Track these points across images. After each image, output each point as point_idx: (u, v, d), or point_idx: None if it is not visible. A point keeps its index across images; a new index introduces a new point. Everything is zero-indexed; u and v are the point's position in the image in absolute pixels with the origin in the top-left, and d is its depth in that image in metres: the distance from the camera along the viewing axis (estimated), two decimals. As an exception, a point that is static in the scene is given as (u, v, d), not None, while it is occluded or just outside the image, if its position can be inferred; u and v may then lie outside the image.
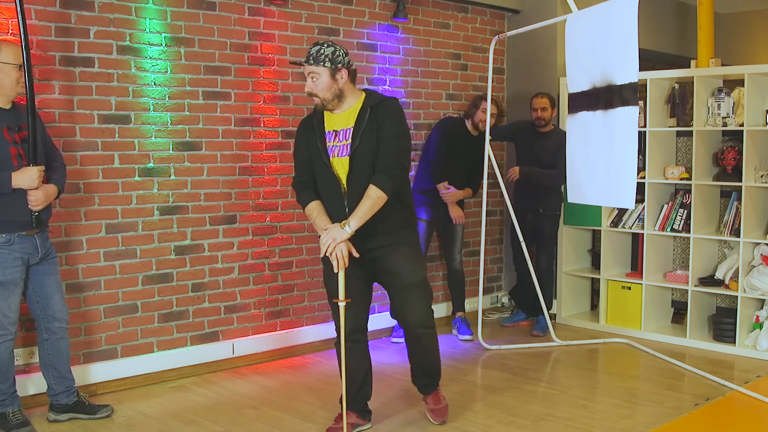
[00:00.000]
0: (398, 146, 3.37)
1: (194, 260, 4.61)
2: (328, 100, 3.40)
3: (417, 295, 3.51)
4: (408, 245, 3.51)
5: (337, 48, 3.40)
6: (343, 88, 3.40)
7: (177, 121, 4.51)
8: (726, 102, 5.09)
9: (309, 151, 3.48)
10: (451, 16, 5.94)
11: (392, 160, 3.33)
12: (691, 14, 6.91)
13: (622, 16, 3.98)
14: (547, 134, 5.52)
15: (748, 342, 5.02)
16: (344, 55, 3.41)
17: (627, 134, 4.04)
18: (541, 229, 5.54)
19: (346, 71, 3.40)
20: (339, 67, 3.37)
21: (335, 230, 3.29)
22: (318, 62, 3.36)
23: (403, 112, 3.46)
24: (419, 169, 5.52)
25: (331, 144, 3.43)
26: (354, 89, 3.47)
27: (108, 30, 4.22)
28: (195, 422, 3.87)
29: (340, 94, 3.40)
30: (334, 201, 3.42)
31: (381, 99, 3.44)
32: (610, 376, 4.65)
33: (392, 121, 3.36)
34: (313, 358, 5.00)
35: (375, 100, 3.43)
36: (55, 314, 3.76)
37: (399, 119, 3.40)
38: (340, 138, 3.41)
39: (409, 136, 3.48)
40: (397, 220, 3.46)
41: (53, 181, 3.67)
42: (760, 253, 5.05)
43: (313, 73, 3.37)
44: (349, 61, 3.42)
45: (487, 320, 5.98)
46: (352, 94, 3.45)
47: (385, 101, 3.42)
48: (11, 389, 3.70)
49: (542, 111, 5.45)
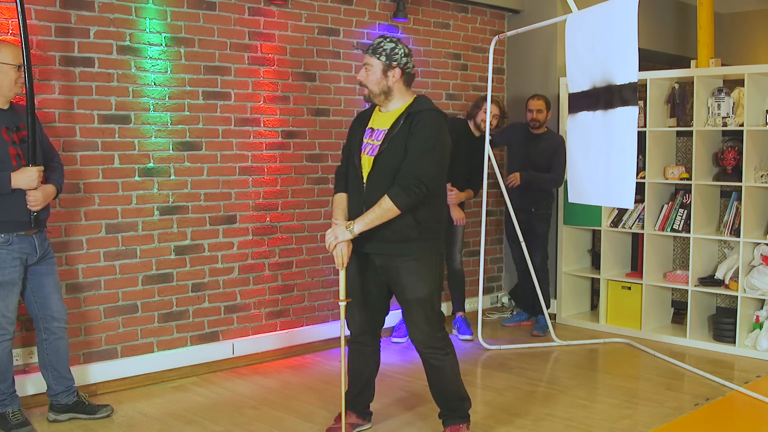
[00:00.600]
0: (423, 162, 3.20)
1: (194, 260, 4.61)
2: (375, 95, 3.33)
3: (417, 312, 3.35)
4: (415, 260, 3.31)
5: (399, 46, 3.31)
6: (392, 87, 3.32)
7: (177, 121, 4.50)
8: (726, 102, 5.09)
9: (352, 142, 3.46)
10: (451, 16, 5.94)
11: (413, 176, 3.18)
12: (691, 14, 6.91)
13: (622, 16, 3.98)
14: (541, 136, 5.54)
15: (748, 342, 5.02)
16: (403, 56, 3.30)
17: (627, 134, 4.05)
18: (533, 228, 5.54)
19: (399, 71, 3.29)
20: (393, 65, 3.28)
21: (339, 229, 3.27)
22: (375, 54, 3.30)
23: (442, 126, 3.28)
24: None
25: (366, 141, 3.38)
26: (405, 92, 3.36)
27: (108, 30, 4.22)
28: (195, 422, 3.87)
29: (388, 91, 3.32)
30: (355, 197, 3.38)
31: (423, 108, 3.29)
32: (610, 376, 4.65)
33: (424, 133, 3.21)
34: (313, 358, 5.00)
35: (417, 107, 3.30)
36: (53, 314, 3.76)
37: (432, 132, 3.22)
38: (374, 137, 3.35)
39: (440, 151, 3.24)
40: (405, 232, 3.27)
41: (52, 181, 3.67)
42: (760, 253, 5.05)
43: (368, 64, 3.32)
44: (406, 63, 3.31)
45: (487, 320, 5.98)
46: (401, 96, 3.35)
47: (424, 111, 3.27)
48: (11, 389, 3.70)
49: (537, 113, 5.47)
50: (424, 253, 3.33)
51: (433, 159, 3.22)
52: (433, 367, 3.45)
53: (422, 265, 3.33)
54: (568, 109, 4.63)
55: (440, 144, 3.24)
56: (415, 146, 3.20)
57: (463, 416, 3.55)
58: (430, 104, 3.35)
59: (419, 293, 3.32)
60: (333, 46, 5.21)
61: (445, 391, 3.51)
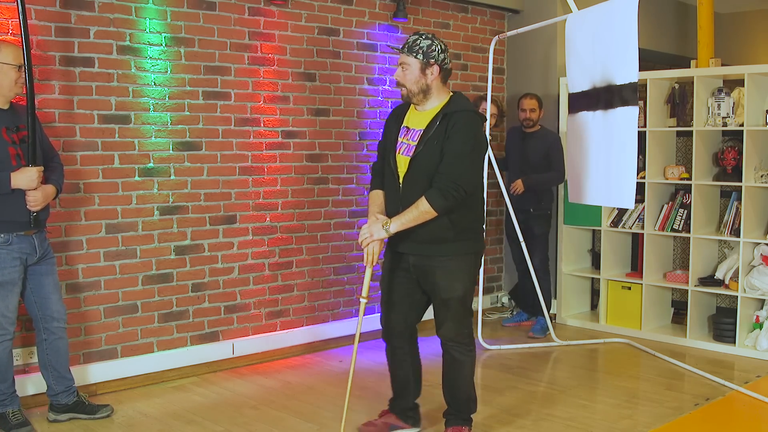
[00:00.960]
0: (460, 166, 3.18)
1: (194, 260, 4.61)
2: (414, 93, 3.30)
3: (450, 310, 3.35)
4: (451, 260, 3.30)
5: (435, 42, 3.27)
6: (430, 85, 3.30)
7: (177, 121, 4.50)
8: (726, 102, 5.09)
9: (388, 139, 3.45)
10: (451, 16, 5.94)
11: (451, 180, 3.16)
12: (691, 14, 6.91)
13: (622, 16, 3.98)
14: (534, 134, 5.55)
15: (748, 342, 5.02)
16: (440, 52, 3.27)
17: (627, 134, 4.05)
18: (531, 228, 5.54)
19: (438, 68, 3.27)
20: (431, 62, 3.26)
21: (376, 226, 3.27)
22: (411, 52, 3.27)
23: (478, 127, 3.27)
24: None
25: (401, 140, 3.36)
26: (442, 89, 3.35)
27: (108, 30, 4.22)
28: (195, 422, 3.87)
29: (426, 90, 3.30)
30: (392, 195, 3.37)
31: (459, 108, 3.27)
32: (610, 376, 4.65)
33: (460, 136, 3.18)
34: (313, 358, 5.00)
35: (453, 107, 3.28)
36: (53, 314, 3.76)
37: (469, 135, 3.19)
38: (410, 137, 3.33)
39: (477, 154, 3.24)
40: (441, 233, 3.26)
41: (51, 181, 3.67)
42: (760, 253, 5.05)
43: (404, 63, 3.29)
44: (443, 59, 3.29)
45: (487, 320, 5.98)
46: (438, 94, 3.33)
47: (459, 112, 3.24)
48: (11, 389, 3.70)
49: (531, 112, 5.48)
50: (459, 254, 3.32)
51: (471, 162, 3.22)
52: (455, 361, 3.45)
53: (458, 264, 3.32)
54: (568, 109, 4.63)
55: (477, 146, 3.23)
56: (452, 149, 3.17)
57: (467, 419, 3.55)
58: (467, 104, 3.33)
59: (454, 293, 3.33)
60: (333, 46, 5.21)
61: (457, 389, 3.51)
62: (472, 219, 3.35)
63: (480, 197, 3.43)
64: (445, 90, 3.37)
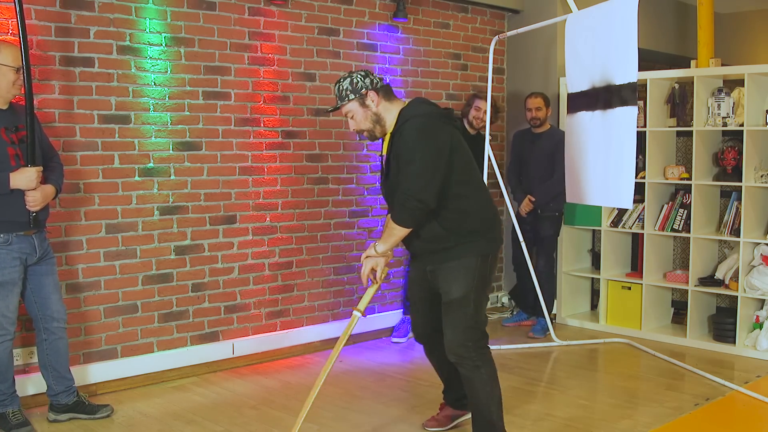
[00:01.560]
0: (412, 176, 3.10)
1: (194, 260, 4.61)
2: (372, 129, 3.27)
3: (449, 314, 3.26)
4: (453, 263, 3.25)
5: (353, 76, 3.24)
6: (378, 111, 3.25)
7: (177, 121, 4.51)
8: (726, 102, 5.09)
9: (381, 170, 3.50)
10: (451, 16, 5.94)
11: (404, 192, 3.11)
12: (691, 14, 6.91)
13: (622, 16, 3.98)
14: (542, 134, 5.53)
15: (748, 342, 5.02)
16: (363, 78, 3.23)
17: (626, 134, 4.05)
18: (538, 230, 5.54)
19: (373, 92, 3.23)
20: (363, 92, 3.22)
21: (370, 247, 3.31)
22: (344, 99, 3.25)
23: (424, 129, 3.14)
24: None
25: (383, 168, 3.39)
26: (392, 107, 3.26)
27: (108, 30, 4.22)
28: (195, 422, 3.87)
29: (378, 118, 3.25)
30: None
31: (405, 118, 3.20)
32: (610, 376, 4.65)
33: (406, 146, 3.14)
34: (313, 358, 5.00)
35: (401, 120, 3.21)
36: (53, 314, 3.76)
37: (411, 143, 3.13)
38: (383, 163, 3.36)
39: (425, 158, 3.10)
40: (440, 243, 3.24)
41: (51, 181, 3.67)
42: (760, 253, 5.05)
43: (347, 113, 3.29)
44: (371, 81, 3.24)
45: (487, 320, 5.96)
46: (389, 113, 3.26)
47: (405, 123, 3.18)
48: (11, 389, 3.70)
49: (537, 111, 5.46)
50: (461, 257, 3.24)
51: (423, 168, 3.09)
52: (464, 377, 3.31)
53: (459, 267, 3.25)
54: (567, 109, 4.63)
55: (423, 150, 3.11)
56: (403, 161, 3.14)
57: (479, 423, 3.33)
58: (415, 109, 3.23)
59: (453, 295, 3.24)
60: (333, 46, 5.21)
61: (475, 411, 3.34)
62: (470, 222, 3.25)
63: (472, 197, 3.28)
64: (396, 106, 3.27)
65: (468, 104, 5.41)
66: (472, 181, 3.30)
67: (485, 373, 3.26)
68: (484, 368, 3.26)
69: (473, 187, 3.31)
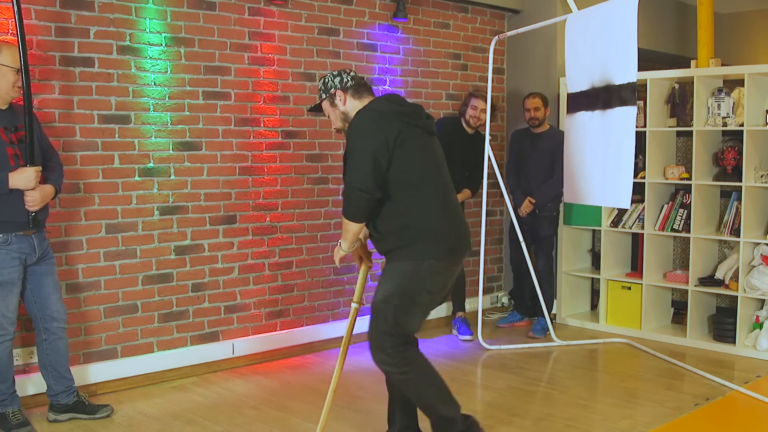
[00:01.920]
0: (348, 167, 3.08)
1: (194, 260, 4.61)
2: (343, 128, 3.26)
3: (372, 319, 3.15)
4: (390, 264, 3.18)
5: (326, 77, 3.27)
6: (346, 110, 3.23)
7: (177, 121, 4.51)
8: (726, 102, 5.09)
9: None
10: (451, 16, 5.94)
11: (346, 183, 3.07)
12: (691, 14, 6.91)
13: (622, 16, 3.98)
14: (542, 134, 5.54)
15: (748, 342, 5.02)
16: (333, 78, 3.24)
17: (625, 134, 4.05)
18: (537, 230, 5.54)
19: (341, 92, 3.22)
20: (332, 92, 3.23)
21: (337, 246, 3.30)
22: (318, 99, 3.32)
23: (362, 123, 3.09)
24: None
25: None
26: (359, 105, 3.21)
27: (108, 30, 4.22)
28: (195, 422, 3.87)
29: (345, 117, 3.24)
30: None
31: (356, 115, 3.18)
32: (610, 376, 4.65)
33: (348, 141, 3.12)
34: (313, 358, 5.00)
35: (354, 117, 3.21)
36: (53, 314, 3.76)
37: (350, 136, 3.10)
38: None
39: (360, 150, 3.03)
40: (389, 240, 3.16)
41: (50, 181, 3.67)
42: (760, 253, 5.05)
43: (324, 110, 3.31)
44: (340, 80, 3.23)
45: (487, 320, 5.97)
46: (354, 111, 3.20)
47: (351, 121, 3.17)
48: (11, 389, 3.70)
49: (535, 111, 5.47)
50: (397, 259, 3.13)
51: (356, 159, 3.03)
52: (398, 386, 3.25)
53: (390, 270, 3.15)
54: (567, 109, 4.63)
55: (359, 142, 3.05)
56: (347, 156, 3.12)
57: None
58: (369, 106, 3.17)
59: (376, 297, 3.14)
60: (333, 46, 5.21)
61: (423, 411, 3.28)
62: (406, 225, 3.10)
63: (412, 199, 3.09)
64: (363, 103, 3.23)
65: (465, 103, 5.40)
66: (417, 183, 3.10)
67: (414, 377, 3.15)
68: (411, 373, 3.14)
69: (419, 189, 3.11)
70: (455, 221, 3.19)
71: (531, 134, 5.58)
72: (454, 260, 3.18)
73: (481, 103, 5.30)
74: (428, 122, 3.22)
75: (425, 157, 3.15)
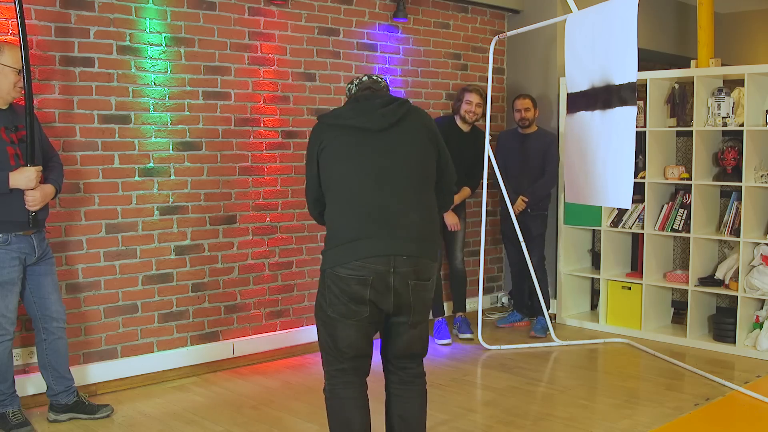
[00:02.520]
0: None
1: (194, 260, 4.61)
2: None
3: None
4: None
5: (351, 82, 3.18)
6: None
7: (177, 121, 4.51)
8: (726, 102, 5.09)
9: None
10: (451, 16, 5.94)
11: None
12: (691, 14, 6.91)
13: (622, 16, 3.98)
14: (530, 135, 5.57)
15: (748, 342, 5.02)
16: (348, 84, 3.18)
17: (625, 134, 4.05)
18: (530, 229, 5.54)
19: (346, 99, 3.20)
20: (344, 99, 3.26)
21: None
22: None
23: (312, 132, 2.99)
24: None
25: None
26: None
27: (108, 30, 4.22)
28: (195, 422, 3.87)
29: None
30: None
31: None
32: (610, 376, 4.65)
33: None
34: (313, 358, 5.00)
35: None
36: (52, 314, 3.76)
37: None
38: None
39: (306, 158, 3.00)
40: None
41: (50, 181, 3.67)
42: (760, 253, 5.04)
43: None
44: (348, 90, 3.15)
45: (487, 320, 5.98)
46: None
47: None
48: (11, 389, 3.70)
49: (525, 111, 5.49)
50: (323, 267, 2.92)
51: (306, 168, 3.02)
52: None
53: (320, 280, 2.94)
54: (567, 109, 4.63)
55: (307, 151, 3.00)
56: None
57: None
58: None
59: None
60: (333, 46, 5.21)
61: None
62: (328, 232, 2.92)
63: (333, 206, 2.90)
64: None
65: (458, 99, 5.39)
66: (334, 189, 2.89)
67: (328, 406, 2.94)
68: (327, 401, 2.94)
69: (335, 195, 2.89)
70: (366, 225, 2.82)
71: (520, 135, 5.61)
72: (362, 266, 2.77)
73: (475, 97, 5.30)
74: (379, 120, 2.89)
75: (347, 160, 2.88)
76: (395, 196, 2.85)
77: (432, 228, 2.94)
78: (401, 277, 2.81)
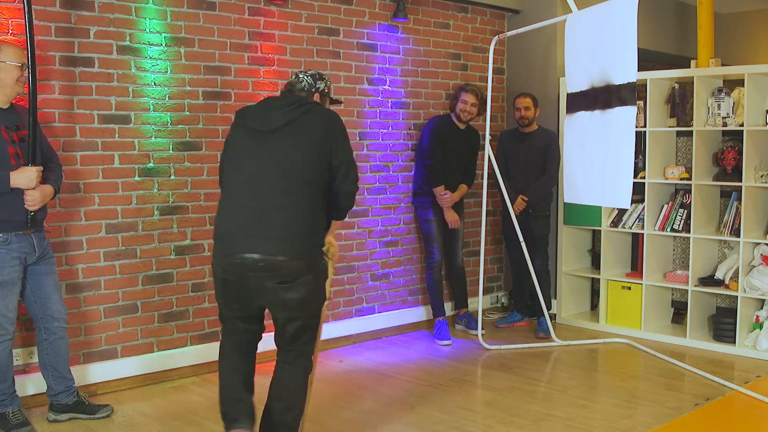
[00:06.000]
0: None
1: (194, 260, 4.61)
2: None
3: None
4: None
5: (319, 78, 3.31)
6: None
7: (177, 121, 4.51)
8: (726, 102, 5.09)
9: None
10: (451, 16, 5.94)
11: None
12: (691, 14, 6.91)
13: (622, 16, 3.98)
14: (531, 134, 5.56)
15: (748, 342, 5.02)
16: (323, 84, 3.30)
17: (624, 134, 4.05)
18: (532, 230, 5.54)
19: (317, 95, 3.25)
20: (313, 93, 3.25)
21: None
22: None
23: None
24: (418, 169, 5.52)
25: None
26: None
27: (108, 30, 4.22)
28: (195, 422, 3.87)
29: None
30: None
31: None
32: (610, 376, 4.65)
33: None
34: (313, 358, 4.99)
35: None
36: (53, 314, 3.76)
37: None
38: None
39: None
40: None
41: (50, 181, 3.67)
42: (760, 253, 5.05)
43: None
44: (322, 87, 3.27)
45: (487, 320, 5.98)
46: None
47: None
48: (11, 389, 3.70)
49: (525, 110, 5.49)
50: None
51: None
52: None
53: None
54: (566, 109, 4.63)
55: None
56: None
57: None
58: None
59: None
60: (333, 46, 5.21)
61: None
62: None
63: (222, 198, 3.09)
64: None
65: (455, 97, 5.40)
66: (223, 186, 3.11)
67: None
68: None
69: (223, 193, 3.09)
70: (237, 221, 2.96)
71: (520, 134, 5.61)
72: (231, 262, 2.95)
73: (471, 97, 5.31)
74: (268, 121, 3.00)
75: (233, 160, 3.04)
76: (263, 197, 2.94)
77: (299, 229, 2.96)
78: (257, 279, 2.95)
